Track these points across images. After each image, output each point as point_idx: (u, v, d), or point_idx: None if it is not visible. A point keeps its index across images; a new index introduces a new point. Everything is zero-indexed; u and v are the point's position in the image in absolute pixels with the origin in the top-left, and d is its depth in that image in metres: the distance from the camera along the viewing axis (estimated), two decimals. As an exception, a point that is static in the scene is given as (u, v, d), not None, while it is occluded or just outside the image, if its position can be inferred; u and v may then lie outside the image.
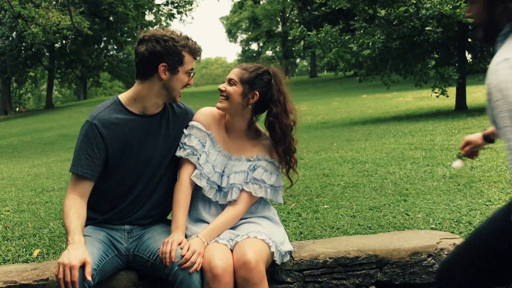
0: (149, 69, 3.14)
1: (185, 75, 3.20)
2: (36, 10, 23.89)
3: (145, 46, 3.11)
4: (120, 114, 3.20)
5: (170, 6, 50.44)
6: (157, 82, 3.16)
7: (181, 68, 3.16)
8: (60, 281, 2.74)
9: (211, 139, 3.36)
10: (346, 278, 3.47)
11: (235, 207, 3.27)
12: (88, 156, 3.13)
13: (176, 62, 3.14)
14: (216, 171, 3.33)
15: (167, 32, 3.15)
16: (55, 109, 44.70)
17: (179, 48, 3.12)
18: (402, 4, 13.73)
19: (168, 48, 3.09)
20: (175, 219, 3.18)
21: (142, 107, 3.23)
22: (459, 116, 13.43)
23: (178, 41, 3.12)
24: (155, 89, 3.18)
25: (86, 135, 3.15)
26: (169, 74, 3.15)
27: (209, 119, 3.40)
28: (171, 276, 2.92)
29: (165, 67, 3.12)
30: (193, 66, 3.25)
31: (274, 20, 67.81)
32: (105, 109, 3.21)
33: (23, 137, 22.08)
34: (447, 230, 4.06)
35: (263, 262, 2.99)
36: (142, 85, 3.20)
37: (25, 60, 48.68)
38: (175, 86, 3.19)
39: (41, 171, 9.84)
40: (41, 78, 63.09)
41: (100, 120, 3.15)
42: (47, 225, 5.09)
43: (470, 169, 6.28)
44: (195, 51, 3.21)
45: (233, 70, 3.37)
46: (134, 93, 3.24)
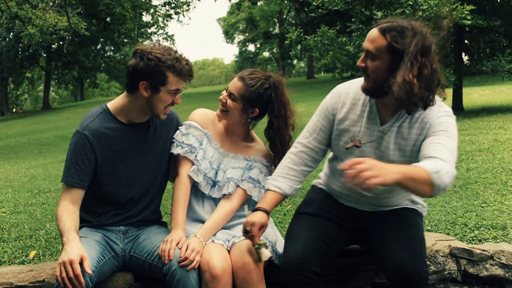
0: (132, 84, 3.14)
1: (169, 95, 3.15)
2: (33, 11, 23.85)
3: (132, 61, 3.11)
4: (109, 123, 3.23)
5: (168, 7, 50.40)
6: (141, 97, 3.16)
7: (164, 88, 3.11)
8: (64, 279, 2.75)
9: (207, 137, 3.41)
10: (342, 280, 3.49)
11: (229, 203, 3.31)
12: (78, 166, 3.16)
13: (158, 82, 3.09)
14: (213, 167, 3.37)
15: (157, 50, 3.09)
16: (52, 110, 44.60)
17: (162, 68, 3.06)
18: (398, 6, 13.73)
19: (150, 68, 3.05)
20: (175, 216, 3.21)
21: (129, 117, 3.25)
22: (456, 117, 13.41)
23: (165, 61, 3.05)
24: (139, 104, 3.19)
25: (76, 145, 3.18)
26: (150, 92, 3.12)
27: (205, 119, 3.46)
28: (168, 276, 2.94)
29: (146, 85, 3.10)
30: (180, 86, 3.17)
31: (271, 21, 67.80)
32: (95, 119, 3.23)
33: (19, 138, 22.03)
34: (443, 231, 4.07)
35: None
36: (128, 97, 3.22)
37: (22, 61, 48.56)
38: (157, 105, 3.17)
39: (37, 172, 9.82)
40: (38, 79, 63.07)
41: (90, 130, 3.18)
42: (43, 226, 5.08)
43: (466, 170, 6.29)
44: (182, 73, 3.13)
45: (235, 83, 3.33)
46: (121, 104, 3.25)
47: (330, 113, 3.14)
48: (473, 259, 3.59)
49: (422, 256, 2.89)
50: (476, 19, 13.36)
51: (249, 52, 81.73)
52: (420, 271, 2.79)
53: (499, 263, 3.57)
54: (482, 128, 10.38)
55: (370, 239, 3.12)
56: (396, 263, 2.80)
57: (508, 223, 4.15)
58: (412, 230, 3.04)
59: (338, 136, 3.13)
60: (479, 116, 12.99)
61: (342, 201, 3.31)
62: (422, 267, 2.81)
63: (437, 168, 2.56)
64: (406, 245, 2.88)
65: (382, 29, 2.80)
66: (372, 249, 3.05)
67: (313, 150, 3.20)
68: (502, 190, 5.21)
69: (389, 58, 2.78)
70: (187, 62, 3.15)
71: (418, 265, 2.80)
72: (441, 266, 3.54)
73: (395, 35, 2.75)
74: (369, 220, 3.19)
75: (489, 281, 3.61)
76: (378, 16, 13.87)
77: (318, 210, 3.27)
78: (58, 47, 45.83)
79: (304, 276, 2.89)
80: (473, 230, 4.06)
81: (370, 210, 3.24)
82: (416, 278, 2.77)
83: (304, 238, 3.04)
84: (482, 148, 7.86)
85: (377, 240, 3.03)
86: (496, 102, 17.50)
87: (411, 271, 2.77)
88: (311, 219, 3.22)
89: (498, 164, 6.54)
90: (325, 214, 3.24)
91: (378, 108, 3.01)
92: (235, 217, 3.37)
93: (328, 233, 3.13)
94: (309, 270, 2.90)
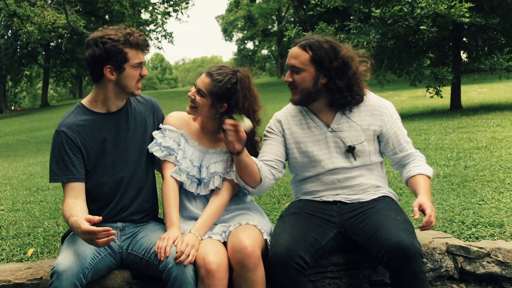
0: (97, 73, 3.17)
1: (134, 69, 3.18)
2: (31, 8, 23.81)
3: (88, 51, 3.14)
4: (85, 116, 3.26)
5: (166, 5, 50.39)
6: (109, 83, 3.19)
7: (127, 65, 3.15)
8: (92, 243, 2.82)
9: (184, 137, 3.45)
10: (339, 277, 3.49)
11: (219, 196, 3.34)
12: (65, 162, 3.18)
13: (120, 61, 3.12)
14: (194, 165, 3.41)
15: (106, 32, 3.13)
16: (50, 108, 44.60)
17: (119, 46, 3.09)
18: (396, 3, 13.73)
19: (108, 50, 3.08)
20: (169, 216, 3.23)
21: (106, 106, 3.29)
22: (454, 115, 13.45)
23: (118, 39, 3.09)
24: (110, 90, 3.22)
25: (57, 143, 3.21)
26: (116, 74, 3.15)
27: (179, 120, 3.50)
28: (165, 273, 2.94)
29: (110, 68, 3.13)
30: (142, 59, 3.21)
31: (270, 19, 67.78)
32: (70, 115, 3.27)
33: (18, 136, 22.03)
34: (440, 229, 4.08)
35: (258, 247, 3.05)
36: (97, 88, 3.26)
37: (20, 58, 48.55)
38: (127, 83, 3.20)
39: (36, 170, 9.83)
40: (37, 77, 63.03)
41: (66, 125, 3.21)
42: (41, 224, 5.09)
43: (464, 168, 6.30)
44: (139, 44, 3.17)
45: (203, 79, 3.35)
46: (93, 96, 3.30)
47: (279, 131, 3.56)
48: (470, 257, 3.60)
49: (415, 235, 3.00)
50: (475, 17, 13.35)
51: (247, 50, 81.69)
52: (416, 248, 2.87)
53: (495, 261, 3.58)
54: (480, 126, 10.40)
55: (361, 230, 3.16)
56: (393, 241, 2.88)
57: (505, 220, 4.16)
58: (400, 214, 3.19)
59: (292, 149, 3.51)
60: (477, 114, 13.01)
61: (324, 199, 3.43)
62: (417, 244, 2.90)
63: (429, 169, 3.40)
64: (399, 227, 3.00)
65: (302, 45, 3.31)
66: (366, 240, 3.08)
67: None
68: (499, 188, 5.22)
69: (313, 69, 3.28)
70: (140, 33, 3.20)
71: (414, 241, 2.90)
72: (438, 264, 3.54)
73: (315, 48, 3.27)
74: (355, 213, 3.27)
75: (485, 279, 3.62)
76: (377, 13, 13.89)
77: (300, 210, 3.39)
78: (56, 44, 45.78)
79: (294, 262, 2.93)
80: (470, 228, 4.07)
81: (351, 202, 3.36)
82: (414, 253, 2.85)
83: (290, 230, 3.12)
84: (480, 146, 7.88)
85: (369, 229, 3.09)
86: (494, 100, 17.52)
87: (409, 246, 2.85)
88: (294, 216, 3.32)
89: (495, 162, 6.55)
90: (308, 212, 3.35)
91: (317, 115, 3.48)
92: (230, 210, 3.41)
93: (313, 226, 3.20)
94: (298, 256, 2.95)
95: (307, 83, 3.31)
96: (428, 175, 3.35)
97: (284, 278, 2.95)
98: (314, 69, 3.28)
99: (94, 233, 2.76)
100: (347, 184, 3.41)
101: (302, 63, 3.29)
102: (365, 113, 3.44)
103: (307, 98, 3.37)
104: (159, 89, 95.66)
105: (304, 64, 3.29)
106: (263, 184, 3.34)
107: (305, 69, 3.29)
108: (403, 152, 3.47)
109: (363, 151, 3.41)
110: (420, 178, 3.32)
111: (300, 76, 3.31)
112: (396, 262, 2.88)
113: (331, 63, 3.27)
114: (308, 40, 3.32)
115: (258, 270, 3.00)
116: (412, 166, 3.41)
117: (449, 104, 16.17)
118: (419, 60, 16.31)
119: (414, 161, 3.45)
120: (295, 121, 3.53)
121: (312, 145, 3.45)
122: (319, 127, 3.46)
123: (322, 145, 3.43)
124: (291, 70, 3.35)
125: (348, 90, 3.33)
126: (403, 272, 2.87)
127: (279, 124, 3.56)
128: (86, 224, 2.78)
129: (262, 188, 3.38)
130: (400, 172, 3.56)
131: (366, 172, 3.44)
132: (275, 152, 3.49)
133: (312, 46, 3.28)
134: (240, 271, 3.00)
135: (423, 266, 2.90)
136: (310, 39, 3.33)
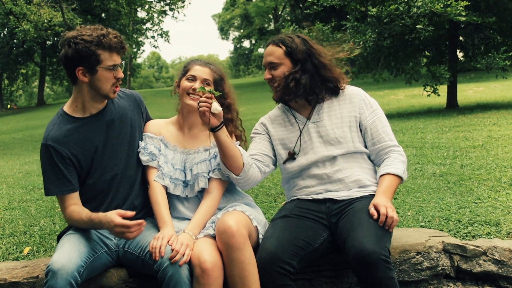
0: (71, 75, 3.13)
1: (107, 72, 3.11)
2: (27, 6, 23.78)
3: (62, 51, 3.08)
4: (69, 125, 3.21)
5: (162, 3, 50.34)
6: (83, 85, 3.15)
7: (100, 67, 3.08)
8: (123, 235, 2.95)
9: (163, 143, 3.50)
10: (335, 276, 3.50)
11: (210, 196, 3.38)
12: (57, 175, 3.17)
13: (92, 63, 3.06)
14: (176, 168, 3.45)
15: (83, 32, 3.06)
16: (46, 106, 44.54)
17: (92, 48, 3.02)
18: (392, 2, 13.74)
19: (80, 51, 3.01)
20: (160, 216, 3.27)
21: (88, 110, 3.24)
22: (450, 114, 13.46)
23: (91, 40, 3.02)
24: (85, 93, 3.18)
25: (46, 158, 3.18)
26: (89, 76, 3.10)
27: (156, 127, 3.57)
28: (160, 273, 2.94)
29: (83, 70, 3.07)
30: (117, 61, 3.14)
31: (266, 17, 67.79)
32: (54, 126, 3.22)
33: (14, 134, 21.99)
34: (436, 228, 4.08)
35: (244, 228, 3.06)
36: (75, 91, 3.22)
37: (16, 57, 48.44)
38: (101, 85, 3.14)
39: (32, 168, 9.81)
40: (33, 75, 62.80)
41: (53, 139, 3.17)
42: (37, 222, 5.09)
43: (460, 167, 6.31)
44: (112, 46, 3.09)
45: (205, 71, 3.49)
46: (72, 101, 3.26)
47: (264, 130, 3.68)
48: (467, 255, 3.60)
49: (383, 241, 2.97)
50: (471, 16, 13.37)
51: (244, 48, 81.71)
52: (378, 254, 2.84)
53: (492, 259, 3.58)
54: (476, 125, 10.41)
55: (339, 233, 3.17)
56: (357, 248, 2.88)
57: (502, 219, 4.16)
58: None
59: (277, 146, 3.62)
60: (473, 113, 13.02)
61: (314, 196, 3.45)
62: (381, 250, 2.87)
63: (401, 168, 3.36)
64: (367, 232, 2.98)
65: (275, 42, 3.49)
66: (341, 244, 3.11)
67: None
68: (495, 187, 5.22)
69: (289, 61, 3.44)
70: (115, 35, 3.13)
71: (377, 247, 2.87)
72: (434, 262, 3.55)
73: (288, 42, 3.44)
74: (339, 215, 3.28)
75: (482, 277, 3.62)
76: (373, 12, 13.89)
77: (291, 212, 3.39)
78: (52, 43, 45.70)
79: (278, 267, 2.94)
80: (467, 226, 4.07)
81: (340, 199, 3.37)
82: (376, 259, 2.82)
83: (278, 235, 3.13)
84: (476, 145, 7.89)
85: (344, 233, 3.09)
86: (491, 98, 17.54)
87: (370, 254, 2.83)
88: (284, 220, 3.32)
89: (492, 160, 6.56)
90: (299, 214, 3.36)
91: (298, 111, 3.59)
92: (222, 209, 3.42)
93: (304, 229, 3.21)
94: (284, 262, 2.96)
95: (286, 75, 3.43)
96: (395, 174, 3.33)
97: (270, 283, 2.96)
98: (289, 61, 3.44)
99: (128, 226, 2.86)
100: (336, 177, 3.42)
101: (278, 58, 3.45)
102: (343, 102, 3.54)
103: (288, 93, 3.45)
104: (155, 87, 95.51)
105: (280, 59, 3.44)
106: (248, 173, 3.35)
107: (282, 63, 3.44)
108: (381, 143, 3.46)
109: (345, 137, 3.46)
110: (385, 179, 3.33)
111: (278, 71, 3.45)
112: (361, 269, 2.87)
113: (303, 54, 3.43)
114: (280, 37, 3.52)
115: (245, 250, 3.00)
116: (383, 165, 3.42)
117: (445, 103, 16.19)
118: (415, 59, 16.33)
119: (388, 158, 3.44)
120: (278, 120, 3.65)
121: (296, 139, 3.54)
122: (301, 121, 3.56)
123: (305, 137, 3.51)
124: (268, 67, 3.50)
125: (321, 81, 3.47)
126: (368, 278, 2.86)
127: (263, 126, 3.68)
128: (119, 218, 2.87)
129: (247, 176, 3.37)
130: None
131: (353, 164, 3.46)
132: (260, 148, 3.57)
133: (285, 41, 3.46)
134: (227, 252, 3.00)
135: (389, 272, 2.86)
136: (282, 35, 3.54)
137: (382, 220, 3.03)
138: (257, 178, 3.45)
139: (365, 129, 3.49)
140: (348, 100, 3.53)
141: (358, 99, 3.53)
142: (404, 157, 3.47)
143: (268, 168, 3.55)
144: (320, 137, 3.48)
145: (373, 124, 3.48)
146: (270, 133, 3.63)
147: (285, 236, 3.10)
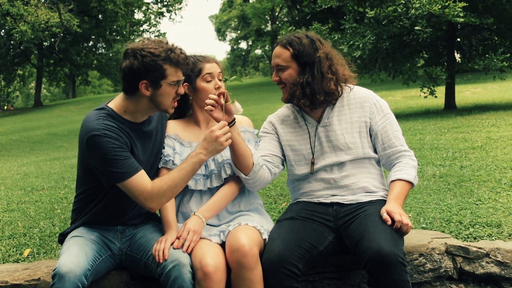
0: (132, 86, 3.05)
1: (171, 87, 3.07)
2: (25, 7, 23.77)
3: (125, 62, 3.01)
4: (117, 122, 3.10)
5: (159, 5, 50.28)
6: (143, 97, 3.08)
7: (164, 82, 3.03)
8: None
9: (178, 141, 3.45)
10: (338, 277, 3.49)
11: (230, 185, 3.39)
12: (124, 156, 3.02)
13: (157, 77, 3.00)
14: None
15: (149, 45, 3.00)
16: (43, 108, 44.45)
17: (159, 62, 2.97)
18: (390, 4, 13.74)
19: (146, 64, 2.95)
20: (166, 219, 3.24)
21: (133, 118, 3.17)
22: (448, 115, 13.47)
23: (158, 54, 2.97)
24: (143, 104, 3.12)
25: (104, 146, 2.98)
26: (152, 90, 3.04)
27: (172, 126, 3.51)
28: (163, 276, 2.93)
29: (146, 84, 3.01)
30: (180, 77, 3.10)
31: (263, 18, 67.76)
32: (102, 119, 3.06)
33: (11, 135, 21.95)
34: (438, 229, 4.08)
35: (256, 246, 3.02)
36: (129, 100, 3.13)
37: (13, 58, 48.28)
38: (161, 100, 3.09)
39: (30, 170, 9.79)
40: (30, 77, 62.70)
41: (105, 128, 3.01)
42: (37, 224, 5.07)
43: (460, 168, 6.31)
44: (179, 62, 3.05)
45: (214, 66, 3.50)
46: (123, 106, 3.15)
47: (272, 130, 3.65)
48: (469, 257, 3.60)
49: (399, 244, 2.97)
50: (469, 17, 13.37)
51: (241, 49, 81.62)
52: (397, 256, 2.84)
53: (495, 261, 3.58)
54: (475, 126, 10.41)
55: (351, 235, 3.15)
56: (374, 249, 2.86)
57: (503, 220, 4.16)
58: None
59: (285, 147, 3.59)
60: (471, 114, 13.03)
61: (321, 199, 3.43)
62: (398, 252, 2.87)
63: (413, 174, 3.35)
64: (384, 234, 2.96)
65: (282, 44, 3.43)
66: (354, 246, 3.08)
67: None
68: (496, 188, 5.22)
69: (296, 65, 3.39)
70: (181, 50, 3.08)
71: (395, 249, 2.86)
72: (437, 264, 3.54)
73: (295, 44, 3.38)
74: (348, 217, 3.26)
75: (485, 279, 3.62)
76: (371, 14, 13.89)
77: (297, 214, 3.38)
78: (49, 44, 45.62)
79: (285, 269, 2.92)
80: (468, 228, 4.07)
81: (348, 203, 3.35)
82: (394, 261, 2.82)
83: (284, 236, 3.11)
84: (475, 146, 7.89)
85: (357, 235, 3.07)
86: (489, 99, 17.56)
87: (388, 255, 2.82)
88: (291, 222, 3.30)
89: (491, 161, 6.56)
90: (305, 216, 3.34)
91: (308, 113, 3.54)
92: (232, 212, 3.41)
93: (310, 232, 3.19)
94: (290, 264, 2.94)
95: (293, 79, 3.39)
96: (407, 180, 3.31)
97: (276, 285, 2.95)
98: (297, 64, 3.39)
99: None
100: (343, 183, 3.40)
101: (285, 61, 3.41)
102: (354, 106, 3.49)
103: (297, 95, 3.41)
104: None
105: (287, 61, 3.40)
106: (257, 173, 3.34)
107: (289, 66, 3.40)
108: (392, 148, 3.44)
109: (355, 143, 3.43)
110: (396, 185, 3.31)
111: (286, 74, 3.41)
112: (377, 270, 2.85)
113: (311, 57, 3.37)
114: (289, 37, 3.45)
115: (256, 270, 2.97)
116: (393, 171, 3.40)
117: (443, 104, 16.19)
118: (413, 60, 16.33)
119: (399, 163, 3.42)
120: (287, 120, 3.62)
121: (305, 143, 3.52)
122: (310, 124, 3.53)
123: (315, 141, 3.49)
124: (276, 69, 3.47)
125: (324, 93, 3.39)
126: (383, 280, 2.84)
127: (272, 124, 3.65)
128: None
129: (257, 177, 3.35)
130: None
131: (362, 169, 3.44)
132: (270, 148, 3.54)
133: (292, 42, 3.40)
134: (237, 270, 2.98)
135: (405, 275, 2.86)
136: (290, 36, 3.46)
137: (397, 226, 3.02)
138: (267, 179, 3.43)
139: (375, 134, 3.46)
140: (359, 105, 3.48)
141: (369, 103, 3.48)
142: (415, 162, 3.45)
143: (278, 168, 3.54)
144: (330, 141, 3.46)
145: (384, 129, 3.45)
146: (278, 133, 3.60)
147: (292, 238, 3.08)
